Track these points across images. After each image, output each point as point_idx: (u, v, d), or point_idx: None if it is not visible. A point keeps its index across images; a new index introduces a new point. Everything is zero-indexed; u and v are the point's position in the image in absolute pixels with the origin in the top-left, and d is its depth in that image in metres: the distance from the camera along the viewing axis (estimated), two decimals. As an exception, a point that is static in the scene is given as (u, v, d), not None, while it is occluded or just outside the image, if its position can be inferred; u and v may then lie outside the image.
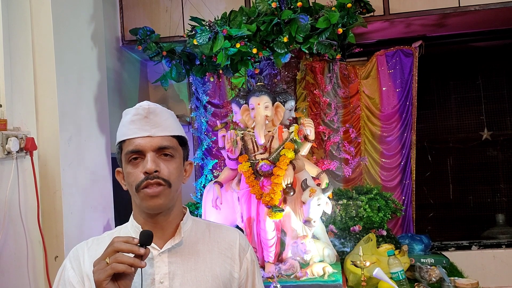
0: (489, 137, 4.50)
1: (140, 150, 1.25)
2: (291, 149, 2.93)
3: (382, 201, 3.52)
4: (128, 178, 1.27)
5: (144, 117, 1.27)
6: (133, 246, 1.12)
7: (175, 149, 1.30)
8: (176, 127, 1.32)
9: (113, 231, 1.39)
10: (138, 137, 1.25)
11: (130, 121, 1.28)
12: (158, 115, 1.28)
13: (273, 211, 2.83)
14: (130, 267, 1.10)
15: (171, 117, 1.33)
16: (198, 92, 3.97)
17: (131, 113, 1.29)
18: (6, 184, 2.25)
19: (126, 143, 1.27)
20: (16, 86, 2.42)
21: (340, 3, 3.30)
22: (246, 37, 3.30)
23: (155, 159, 1.25)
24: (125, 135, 1.28)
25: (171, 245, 1.29)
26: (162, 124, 1.28)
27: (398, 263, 2.73)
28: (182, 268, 1.29)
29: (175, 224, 1.33)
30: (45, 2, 2.61)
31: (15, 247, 2.31)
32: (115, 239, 1.14)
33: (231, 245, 1.38)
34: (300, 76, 3.87)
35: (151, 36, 3.68)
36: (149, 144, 1.25)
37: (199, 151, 3.96)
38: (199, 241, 1.35)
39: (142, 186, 1.23)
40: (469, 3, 3.59)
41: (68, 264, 1.30)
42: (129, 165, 1.27)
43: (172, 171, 1.27)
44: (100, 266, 1.11)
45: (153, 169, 1.23)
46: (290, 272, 2.86)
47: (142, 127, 1.26)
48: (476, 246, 4.13)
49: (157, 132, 1.26)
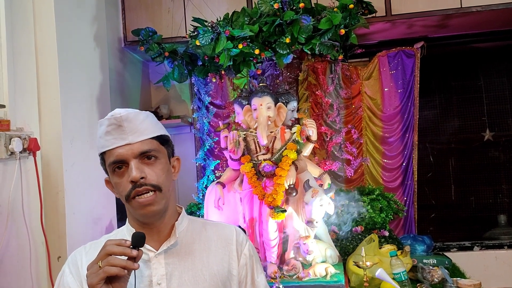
0: (491, 138, 4.50)
1: (122, 160, 1.24)
2: (294, 149, 2.93)
3: (384, 202, 3.52)
4: (117, 188, 1.27)
5: (119, 126, 1.25)
6: (125, 248, 1.12)
7: (157, 150, 1.28)
8: (153, 128, 1.30)
9: (110, 235, 1.40)
10: (117, 146, 1.24)
11: (105, 132, 1.26)
12: (132, 121, 1.26)
13: (275, 212, 2.83)
14: (123, 270, 1.10)
15: (147, 118, 1.31)
16: (200, 93, 3.98)
17: (105, 124, 1.27)
18: (9, 185, 2.26)
19: (107, 154, 1.27)
20: (19, 87, 2.42)
21: (342, 4, 3.30)
22: (248, 38, 3.30)
23: (139, 165, 1.24)
24: (104, 146, 1.27)
25: (166, 246, 1.29)
26: (138, 128, 1.26)
27: (400, 264, 2.73)
28: (179, 268, 1.29)
29: (171, 224, 1.33)
30: (48, 3, 2.61)
31: (18, 248, 2.31)
32: (108, 242, 1.14)
33: (228, 242, 1.38)
34: (302, 77, 3.88)
35: (153, 37, 3.69)
36: (130, 151, 1.24)
37: (201, 151, 3.96)
38: (195, 240, 1.35)
39: (132, 196, 1.23)
40: (471, 4, 3.58)
41: (67, 270, 1.31)
42: (114, 175, 1.27)
43: (159, 174, 1.26)
44: (93, 270, 1.11)
45: (138, 176, 1.22)
46: (293, 273, 2.86)
47: (119, 136, 1.25)
48: (478, 247, 4.12)
49: (135, 138, 1.25)
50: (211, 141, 3.97)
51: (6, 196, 2.24)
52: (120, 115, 1.25)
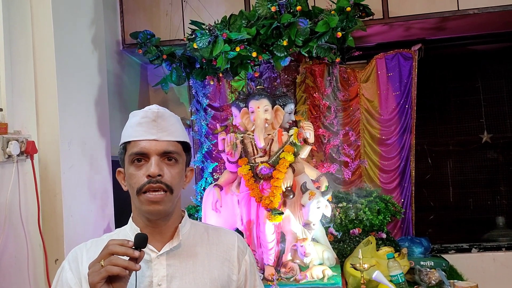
0: (489, 139, 4.50)
1: (145, 153, 1.26)
2: (291, 152, 2.94)
3: (381, 204, 3.52)
4: (130, 179, 1.28)
5: (152, 120, 1.28)
6: (127, 248, 1.13)
7: (179, 154, 1.31)
8: (181, 133, 1.33)
9: (112, 234, 1.39)
10: (144, 139, 1.26)
11: (137, 123, 1.28)
12: (166, 120, 1.30)
13: (272, 214, 2.84)
14: (125, 270, 1.11)
15: (178, 122, 1.34)
16: (198, 95, 3.99)
17: (140, 115, 1.30)
18: (6, 188, 2.26)
19: (131, 145, 1.28)
20: (17, 90, 2.43)
21: (339, 7, 3.31)
22: (245, 40, 3.31)
23: (159, 163, 1.26)
24: (131, 136, 1.29)
25: (169, 247, 1.30)
26: (169, 128, 1.29)
27: (397, 266, 2.74)
28: (180, 270, 1.29)
29: (174, 227, 1.34)
30: (45, 5, 2.62)
31: (16, 250, 2.32)
32: (110, 241, 1.15)
33: (230, 247, 1.39)
34: (300, 79, 3.89)
35: (151, 40, 3.69)
36: (154, 147, 1.26)
37: (199, 154, 3.97)
38: (197, 244, 1.36)
39: (144, 190, 1.24)
40: (468, 7, 3.59)
41: (67, 266, 1.30)
42: (132, 166, 1.27)
43: (174, 176, 1.27)
44: (94, 268, 1.12)
45: (157, 172, 1.24)
46: (290, 275, 2.87)
47: (149, 130, 1.27)
48: (476, 248, 4.13)
49: (163, 137, 1.27)
50: (209, 144, 3.98)
51: (3, 199, 2.24)
52: (157, 110, 1.29)
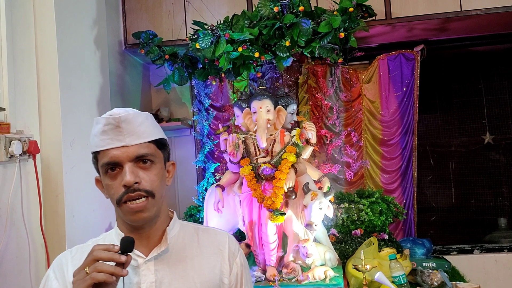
0: (491, 141, 4.50)
1: (117, 162, 1.19)
2: (293, 152, 2.94)
3: (384, 204, 3.51)
4: (108, 190, 1.23)
5: (116, 126, 1.19)
6: (113, 254, 1.08)
7: (154, 154, 1.24)
8: (152, 131, 1.25)
9: (98, 239, 1.35)
10: (113, 148, 1.19)
11: (101, 131, 1.21)
12: (131, 123, 1.21)
13: (274, 215, 2.83)
14: (111, 276, 1.06)
15: (146, 120, 1.25)
16: (200, 96, 3.99)
17: (102, 122, 1.21)
18: (9, 187, 2.26)
19: (101, 154, 1.22)
20: (19, 90, 2.43)
21: (342, 8, 3.31)
22: (248, 41, 3.31)
23: (134, 169, 1.19)
24: (99, 146, 1.22)
25: (157, 252, 1.25)
26: (137, 131, 1.21)
27: (399, 267, 2.73)
28: (170, 275, 1.24)
29: (161, 230, 1.29)
30: (48, 6, 2.62)
31: (18, 250, 2.32)
32: (95, 247, 1.10)
33: (221, 249, 1.34)
34: (302, 80, 3.88)
35: (153, 40, 3.69)
36: (125, 154, 1.19)
37: (201, 154, 3.96)
38: (187, 246, 1.31)
39: (123, 200, 1.18)
40: (471, 8, 3.58)
41: (52, 274, 1.26)
42: (106, 177, 1.22)
43: (153, 179, 1.21)
44: (79, 276, 1.07)
45: (132, 181, 1.17)
46: (292, 276, 2.86)
47: (115, 137, 1.19)
48: (478, 250, 4.12)
49: (132, 141, 1.20)
50: (211, 144, 3.97)
51: (5, 198, 2.24)
52: (119, 115, 1.20)
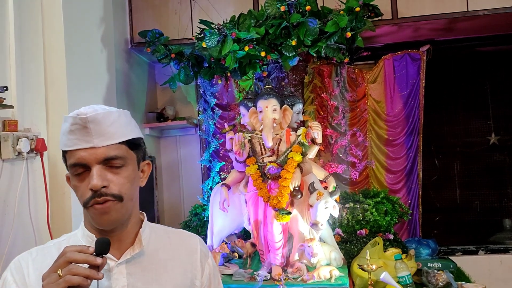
0: (497, 141, 4.48)
1: (84, 164, 1.12)
2: (299, 152, 2.94)
3: (389, 205, 3.51)
4: (76, 191, 1.16)
5: (83, 127, 1.11)
6: (88, 255, 1.02)
7: (125, 157, 1.16)
8: (123, 131, 1.17)
9: (60, 240, 1.28)
10: (80, 148, 1.12)
11: (69, 130, 1.13)
12: (100, 123, 1.12)
13: (280, 214, 2.84)
14: (86, 279, 1.00)
15: (118, 119, 1.16)
16: (206, 95, 3.99)
17: (69, 121, 1.13)
18: (16, 185, 2.28)
19: (69, 154, 1.14)
20: (27, 88, 2.44)
21: (349, 7, 3.31)
22: (254, 40, 3.31)
23: (102, 172, 1.12)
24: (66, 145, 1.14)
25: (130, 255, 1.19)
26: (106, 131, 1.13)
27: (405, 267, 2.73)
28: (142, 279, 1.19)
29: (133, 232, 1.23)
30: (56, 5, 2.64)
31: (24, 247, 2.31)
32: (67, 248, 1.03)
33: (193, 251, 1.31)
34: (308, 79, 3.88)
35: (160, 39, 3.70)
36: (93, 156, 1.11)
37: (206, 153, 3.97)
38: (159, 249, 1.26)
39: (90, 204, 1.12)
40: (478, 8, 3.58)
41: (10, 278, 1.17)
42: (74, 178, 1.15)
43: (123, 183, 1.14)
44: (50, 279, 1.00)
45: (99, 185, 1.10)
46: (297, 275, 2.86)
47: (82, 138, 1.12)
48: (483, 251, 4.11)
49: (101, 142, 1.12)
50: (216, 143, 3.98)
51: (13, 196, 2.25)
52: (86, 116, 1.11)
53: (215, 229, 3.26)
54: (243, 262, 3.14)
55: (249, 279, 2.86)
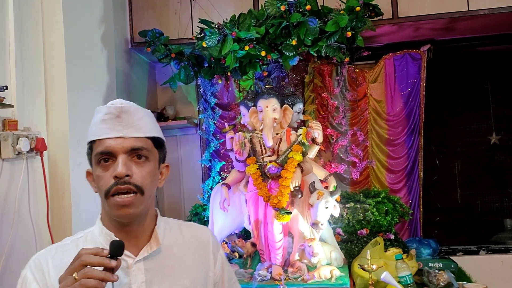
0: (497, 141, 4.48)
1: (111, 152, 1.16)
2: (299, 151, 2.93)
3: (389, 204, 3.50)
4: (98, 181, 1.19)
5: (116, 116, 1.18)
6: (103, 258, 1.04)
7: (150, 151, 1.21)
8: (151, 128, 1.24)
9: (77, 237, 1.28)
10: (109, 137, 1.16)
11: (101, 120, 1.19)
12: (132, 115, 1.20)
13: (280, 214, 2.83)
14: (101, 282, 1.01)
15: (147, 116, 1.24)
16: (206, 94, 3.99)
17: (103, 111, 1.20)
18: (16, 184, 2.28)
19: (97, 144, 1.18)
20: (27, 87, 2.44)
21: (349, 7, 3.30)
22: (254, 39, 3.31)
23: (127, 162, 1.16)
24: (96, 135, 1.19)
25: (147, 252, 1.22)
26: (136, 124, 1.19)
27: (406, 267, 2.72)
28: (159, 274, 1.22)
29: (149, 230, 1.26)
30: (56, 4, 2.64)
31: (24, 246, 2.32)
32: (83, 251, 1.05)
33: (205, 244, 1.35)
34: (308, 79, 3.88)
35: (160, 38, 3.70)
36: (120, 145, 1.16)
37: (206, 153, 3.96)
38: (173, 244, 1.29)
39: (111, 192, 1.15)
40: (478, 7, 3.57)
41: (30, 276, 1.17)
42: (98, 167, 1.18)
43: (145, 176, 1.18)
44: (66, 282, 1.01)
45: (124, 173, 1.14)
46: (298, 275, 2.86)
47: (113, 127, 1.17)
48: (484, 251, 4.10)
49: (130, 133, 1.18)
50: (216, 143, 3.97)
51: (13, 195, 2.25)
52: (121, 105, 1.19)
53: (215, 229, 3.26)
54: (243, 262, 3.14)
55: (249, 279, 2.86)
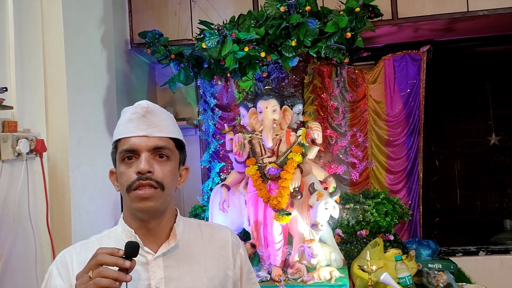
0: (497, 142, 4.48)
1: (135, 150, 1.22)
2: (299, 152, 2.94)
3: (389, 205, 3.51)
4: (121, 178, 1.24)
5: (142, 116, 1.25)
6: (118, 259, 1.07)
7: (171, 151, 1.27)
8: (174, 129, 1.30)
9: (101, 235, 1.34)
10: (134, 136, 1.23)
11: (127, 119, 1.26)
12: (157, 115, 1.26)
13: (280, 215, 2.83)
14: (115, 282, 1.04)
15: (170, 118, 1.31)
16: (205, 95, 3.99)
17: (129, 111, 1.27)
18: (16, 186, 2.27)
19: (122, 142, 1.25)
20: (27, 88, 2.44)
21: (349, 8, 3.30)
22: (254, 40, 3.31)
23: (150, 159, 1.22)
24: (121, 133, 1.25)
25: (166, 249, 1.26)
26: (160, 124, 1.26)
27: (405, 268, 2.73)
28: (178, 271, 1.25)
29: (168, 227, 1.30)
30: (56, 5, 2.63)
31: (24, 249, 2.32)
32: (99, 250, 1.09)
33: (224, 243, 1.37)
34: (308, 80, 3.88)
35: (159, 39, 3.69)
36: (144, 143, 1.22)
37: (206, 154, 3.97)
38: (192, 242, 1.33)
39: (133, 187, 1.20)
40: (478, 8, 3.57)
41: (55, 271, 1.24)
42: (122, 164, 1.24)
43: (166, 174, 1.23)
44: (82, 280, 1.06)
45: (146, 169, 1.19)
46: (297, 276, 2.86)
47: (139, 126, 1.24)
48: (483, 251, 4.10)
49: (154, 132, 1.24)
50: (216, 144, 3.98)
51: (13, 197, 2.25)
52: (147, 106, 1.27)
53: (215, 230, 3.25)
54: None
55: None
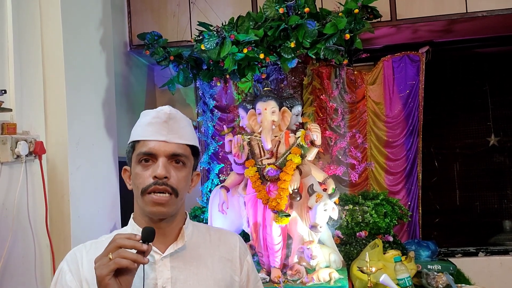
0: (496, 143, 4.49)
1: (153, 153, 1.25)
2: (298, 154, 2.94)
3: (388, 206, 3.50)
4: (136, 179, 1.27)
5: (164, 121, 1.27)
6: (135, 242, 1.12)
7: (188, 158, 1.29)
8: (191, 136, 1.32)
9: (111, 235, 1.35)
10: (154, 140, 1.25)
11: (148, 123, 1.28)
12: (178, 122, 1.29)
13: (279, 216, 2.83)
14: (133, 263, 1.09)
15: (189, 125, 1.34)
16: (204, 97, 3.99)
17: (151, 115, 1.29)
18: (15, 188, 2.27)
19: (140, 144, 1.27)
20: (26, 91, 2.44)
21: (347, 9, 3.31)
22: (253, 42, 3.31)
23: (167, 165, 1.25)
24: (141, 135, 1.28)
25: (174, 249, 1.28)
26: (180, 131, 1.28)
27: (405, 270, 2.72)
28: (185, 273, 1.27)
29: (177, 229, 1.33)
30: (54, 7, 2.63)
31: (23, 250, 2.32)
32: (117, 235, 1.14)
33: (232, 248, 1.39)
34: (307, 81, 3.88)
35: (158, 41, 3.70)
36: (163, 149, 1.25)
37: (205, 155, 3.96)
38: (200, 245, 1.35)
39: (149, 191, 1.23)
40: (477, 9, 3.58)
41: (66, 267, 1.27)
42: (139, 166, 1.27)
43: (181, 180, 1.26)
44: (102, 261, 1.10)
45: (164, 174, 1.22)
46: (296, 278, 2.86)
47: (159, 131, 1.26)
48: (483, 252, 4.10)
49: (173, 139, 1.26)
50: (215, 145, 3.98)
51: (12, 199, 2.25)
52: (170, 112, 1.29)
53: (214, 231, 3.25)
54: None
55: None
